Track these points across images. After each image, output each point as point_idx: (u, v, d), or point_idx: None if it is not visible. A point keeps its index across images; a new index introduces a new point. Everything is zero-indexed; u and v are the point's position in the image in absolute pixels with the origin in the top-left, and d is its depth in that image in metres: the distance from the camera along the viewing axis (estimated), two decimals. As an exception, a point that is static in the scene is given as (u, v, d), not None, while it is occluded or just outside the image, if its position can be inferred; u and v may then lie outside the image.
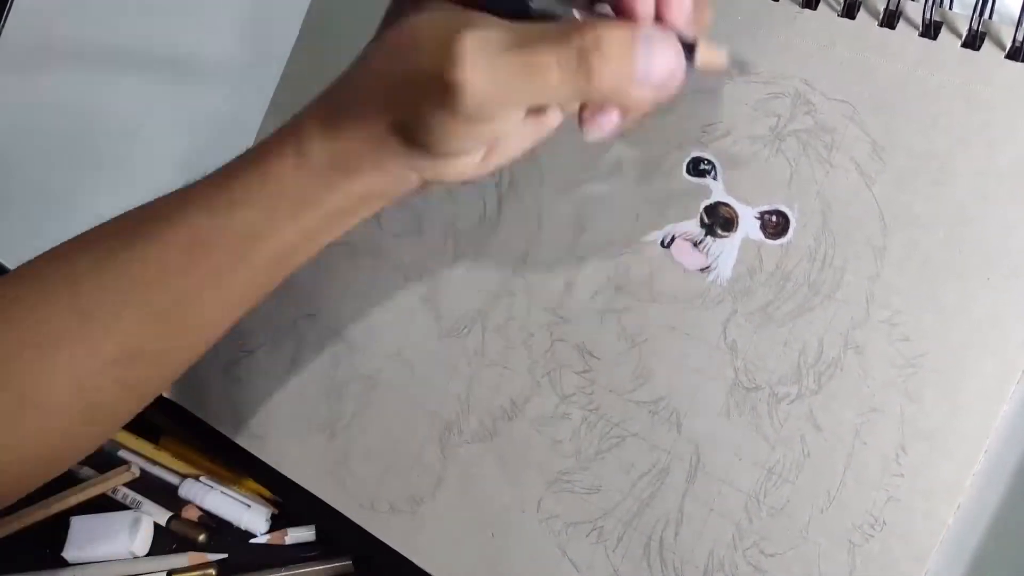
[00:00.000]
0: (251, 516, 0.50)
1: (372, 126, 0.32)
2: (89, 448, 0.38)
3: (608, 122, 0.31)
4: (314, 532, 0.49)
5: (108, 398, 0.35)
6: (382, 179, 0.33)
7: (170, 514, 0.51)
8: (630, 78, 0.28)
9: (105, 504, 0.52)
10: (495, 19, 0.29)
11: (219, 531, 0.50)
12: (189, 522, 0.50)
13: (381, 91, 0.31)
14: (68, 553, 0.48)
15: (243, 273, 0.35)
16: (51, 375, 0.34)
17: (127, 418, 0.37)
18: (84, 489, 0.52)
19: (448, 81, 0.28)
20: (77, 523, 0.49)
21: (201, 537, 0.49)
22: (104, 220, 0.37)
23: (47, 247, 0.55)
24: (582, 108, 0.30)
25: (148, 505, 0.51)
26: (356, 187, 0.33)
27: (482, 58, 0.28)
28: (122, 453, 0.56)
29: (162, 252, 0.34)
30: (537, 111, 0.31)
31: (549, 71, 0.28)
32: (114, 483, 0.52)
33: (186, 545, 0.49)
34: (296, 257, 0.36)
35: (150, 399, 0.37)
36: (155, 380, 0.37)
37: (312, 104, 0.34)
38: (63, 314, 0.34)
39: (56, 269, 0.35)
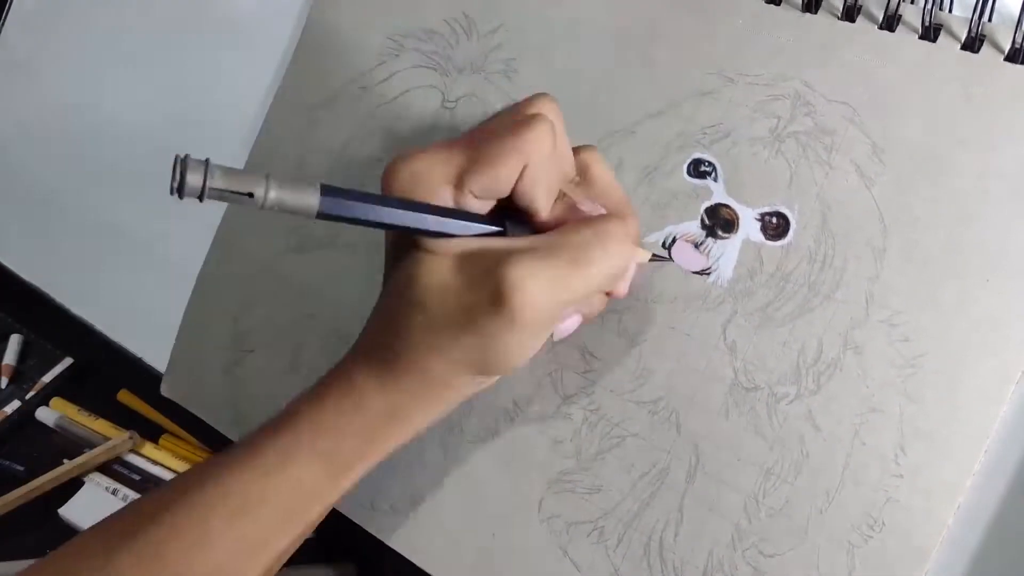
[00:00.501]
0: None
1: (435, 369, 0.32)
2: None
3: (574, 324, 0.36)
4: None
5: None
6: (441, 410, 0.34)
7: None
8: (635, 258, 0.34)
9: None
10: (513, 240, 0.32)
11: None
12: None
13: (438, 337, 0.32)
14: (65, 512, 0.47)
15: (291, 534, 0.33)
16: None
17: None
18: (85, 458, 0.50)
19: (514, 304, 0.29)
20: (88, 489, 0.48)
21: None
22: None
23: (47, 247, 0.55)
24: None
25: None
26: (414, 427, 0.34)
27: (536, 271, 0.30)
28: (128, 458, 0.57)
29: (200, 522, 0.32)
30: None
31: (597, 257, 0.31)
32: (113, 452, 0.51)
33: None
34: (339, 500, 0.35)
35: None
36: None
37: (356, 358, 0.34)
38: None
39: (94, 549, 0.33)
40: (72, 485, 0.55)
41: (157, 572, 0.32)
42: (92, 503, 0.48)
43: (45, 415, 0.63)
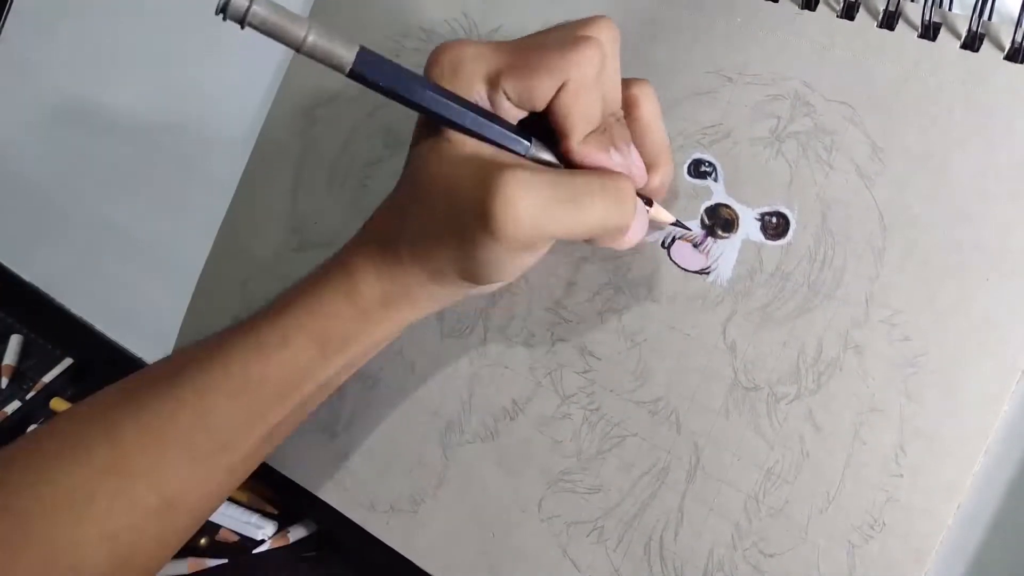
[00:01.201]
0: (255, 527, 0.50)
1: (425, 267, 0.33)
2: None
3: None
4: (314, 526, 0.49)
5: (142, 551, 0.34)
6: (430, 306, 0.35)
7: None
8: (627, 227, 0.33)
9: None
10: (525, 160, 0.32)
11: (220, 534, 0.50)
12: None
13: (429, 233, 0.32)
14: None
15: (287, 408, 0.35)
16: (84, 534, 0.32)
17: (160, 568, 0.36)
18: None
19: (497, 216, 0.29)
20: None
21: (202, 541, 0.49)
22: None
23: (47, 247, 0.55)
24: None
25: None
26: (405, 318, 0.35)
27: (529, 193, 0.29)
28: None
29: (204, 396, 0.33)
30: None
31: (593, 206, 0.31)
32: None
33: (185, 551, 0.49)
34: (335, 383, 0.36)
35: (179, 546, 0.36)
36: (190, 527, 0.36)
37: (357, 243, 0.35)
38: (101, 469, 0.33)
39: (94, 421, 0.34)
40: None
41: (162, 441, 0.33)
42: None
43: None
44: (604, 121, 0.32)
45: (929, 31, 0.36)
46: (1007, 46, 0.34)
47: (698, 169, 0.39)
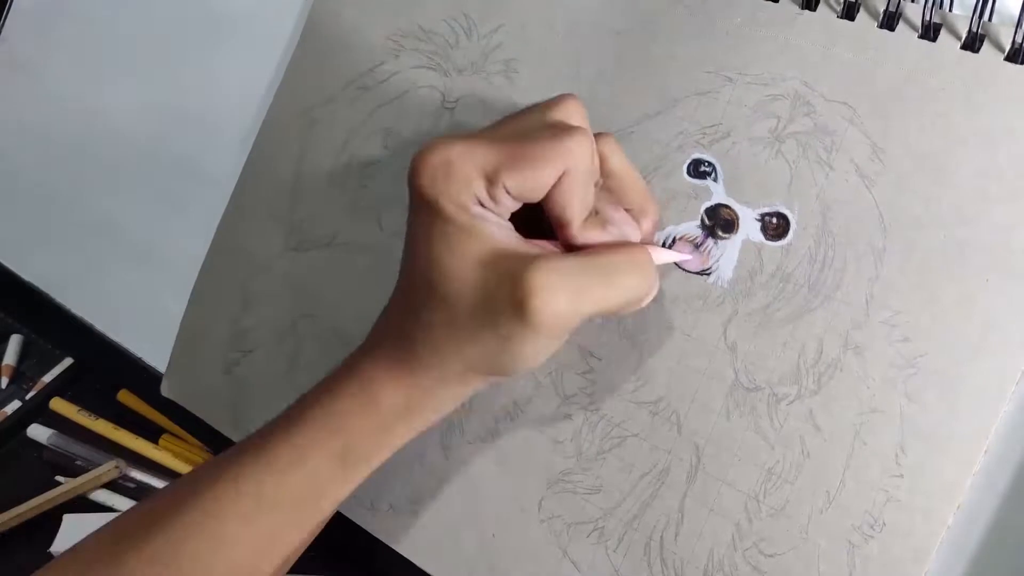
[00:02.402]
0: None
1: (450, 366, 0.32)
2: None
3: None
4: None
5: None
6: (453, 406, 0.34)
7: None
8: (654, 292, 0.33)
9: (104, 507, 0.52)
10: (547, 246, 0.32)
11: None
12: None
13: (456, 330, 0.31)
14: (56, 549, 0.48)
15: (305, 531, 0.33)
16: None
17: None
18: (69, 487, 0.51)
19: (536, 308, 0.29)
20: (69, 521, 0.49)
21: None
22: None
23: (47, 247, 0.55)
24: None
25: None
26: (427, 421, 0.33)
27: (563, 281, 0.29)
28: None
29: (216, 522, 0.31)
30: None
31: (621, 281, 0.31)
32: (98, 481, 0.52)
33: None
34: (352, 493, 0.34)
35: None
36: None
37: (372, 348, 0.34)
38: None
39: (103, 551, 0.32)
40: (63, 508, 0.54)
41: (171, 574, 0.31)
42: (76, 533, 0.48)
43: (37, 433, 0.63)
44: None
45: (929, 32, 0.36)
46: (1007, 47, 0.34)
47: (698, 169, 0.39)
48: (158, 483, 0.54)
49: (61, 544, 0.48)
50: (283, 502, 0.32)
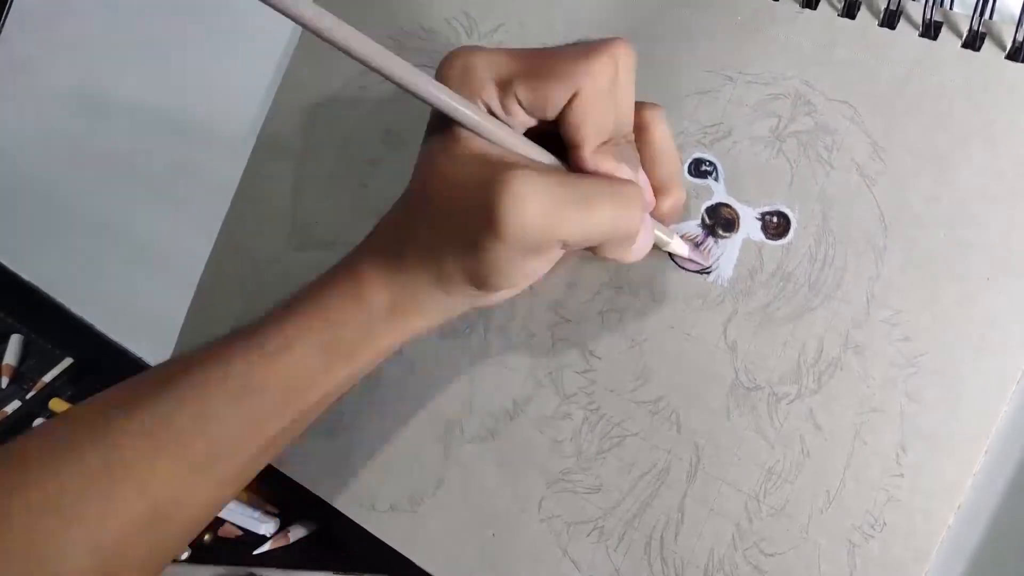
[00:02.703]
0: (257, 521, 0.50)
1: (432, 272, 0.32)
2: None
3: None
4: (314, 525, 0.49)
5: (132, 561, 0.33)
6: (438, 315, 0.34)
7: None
8: (635, 236, 0.32)
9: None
10: (532, 160, 0.31)
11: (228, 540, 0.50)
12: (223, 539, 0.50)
13: (436, 237, 0.31)
14: None
15: (288, 418, 0.34)
16: (70, 540, 0.31)
17: None
18: None
19: (503, 216, 0.28)
20: None
21: (206, 537, 0.49)
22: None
23: (47, 247, 0.55)
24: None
25: None
26: (412, 326, 0.34)
27: (537, 192, 0.29)
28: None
29: (202, 400, 0.32)
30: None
31: (601, 209, 0.30)
32: None
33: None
34: (337, 393, 0.35)
35: (171, 559, 0.35)
36: (181, 539, 0.35)
37: (366, 247, 0.34)
38: (90, 473, 0.31)
39: (90, 420, 0.33)
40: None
41: (158, 445, 0.32)
42: None
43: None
44: (615, 139, 0.32)
45: (930, 30, 0.36)
46: (1008, 45, 0.34)
47: (699, 168, 0.39)
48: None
49: None
50: (269, 386, 0.32)
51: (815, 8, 0.38)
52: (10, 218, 0.62)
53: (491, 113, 0.31)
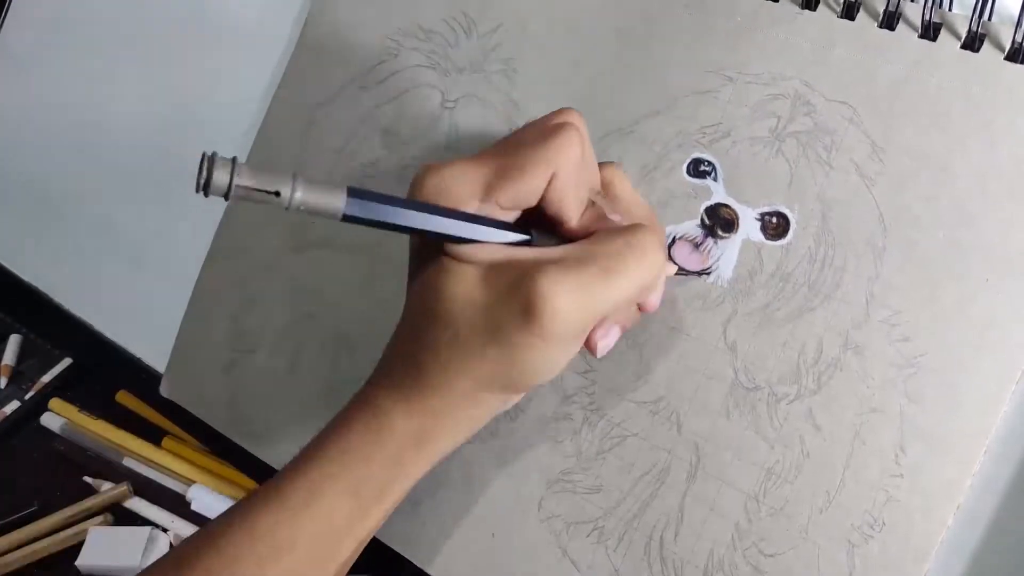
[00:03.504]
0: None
1: (462, 385, 0.31)
2: None
3: (614, 337, 0.34)
4: None
5: None
6: (468, 431, 0.33)
7: (196, 528, 0.50)
8: (663, 273, 0.33)
9: (129, 515, 0.51)
10: (545, 252, 0.31)
11: None
12: None
13: (466, 349, 0.31)
14: (81, 562, 0.48)
15: (327, 569, 0.32)
16: None
17: None
18: (76, 509, 0.51)
19: (543, 316, 0.29)
20: (94, 534, 0.49)
21: None
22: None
23: (47, 247, 0.55)
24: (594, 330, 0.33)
25: (178, 522, 0.51)
26: (442, 450, 0.33)
27: (564, 282, 0.29)
28: (126, 461, 0.56)
29: (233, 567, 0.31)
30: None
31: (626, 269, 0.30)
32: (105, 501, 0.52)
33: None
34: (375, 532, 0.34)
35: None
36: None
37: (380, 380, 0.33)
38: None
39: None
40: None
41: None
42: (104, 547, 0.48)
43: (49, 420, 0.63)
44: (592, 197, 0.33)
45: (929, 31, 0.36)
46: (1007, 46, 0.34)
47: (697, 169, 0.39)
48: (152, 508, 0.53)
49: (87, 558, 0.48)
50: (299, 543, 0.31)
51: (814, 9, 0.38)
52: (9, 218, 0.62)
53: (478, 216, 0.31)
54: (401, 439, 0.32)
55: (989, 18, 0.34)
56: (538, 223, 0.32)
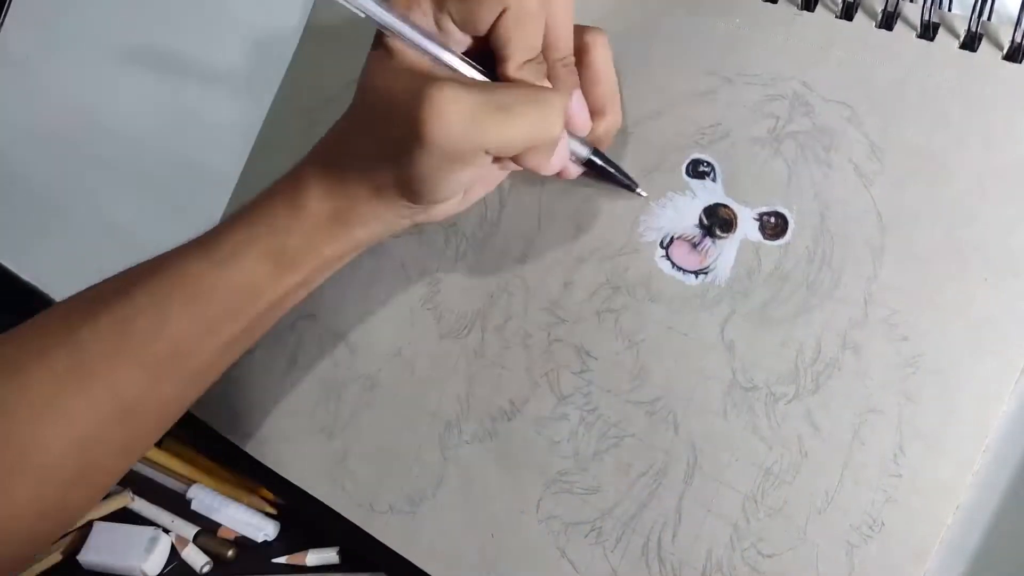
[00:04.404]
0: (256, 528, 0.50)
1: (369, 183, 0.34)
2: (80, 513, 0.38)
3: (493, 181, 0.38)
4: (336, 555, 0.48)
5: (105, 455, 0.35)
6: (378, 228, 0.35)
7: (197, 528, 0.50)
8: (555, 143, 0.34)
9: (129, 515, 0.51)
10: (460, 75, 0.33)
11: (241, 547, 0.50)
12: (220, 539, 0.50)
13: (372, 148, 0.33)
14: (83, 557, 0.48)
15: (241, 324, 0.36)
16: (50, 434, 0.34)
17: (119, 476, 0.38)
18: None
19: (427, 124, 0.30)
20: (98, 529, 0.49)
21: (230, 553, 0.49)
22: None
23: (46, 248, 0.55)
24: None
25: (178, 522, 0.51)
26: (354, 237, 0.35)
27: (459, 100, 0.30)
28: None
29: (160, 304, 0.34)
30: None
31: (521, 113, 0.32)
32: (107, 509, 0.52)
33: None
34: (289, 302, 0.37)
35: (142, 455, 0.38)
36: (149, 434, 0.37)
37: (310, 158, 0.36)
38: (61, 370, 0.34)
39: (56, 325, 0.36)
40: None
41: (119, 346, 0.34)
42: (107, 543, 0.48)
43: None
44: (550, 62, 0.34)
45: (928, 31, 0.36)
46: (1006, 46, 0.34)
47: (696, 169, 0.39)
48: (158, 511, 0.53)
49: (89, 554, 0.48)
50: (220, 291, 0.34)
51: (813, 10, 0.38)
52: (10, 218, 0.62)
53: (424, 29, 0.32)
54: (316, 217, 0.34)
55: (988, 18, 0.34)
56: (483, 62, 0.34)
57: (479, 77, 0.33)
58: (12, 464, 0.33)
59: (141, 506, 0.52)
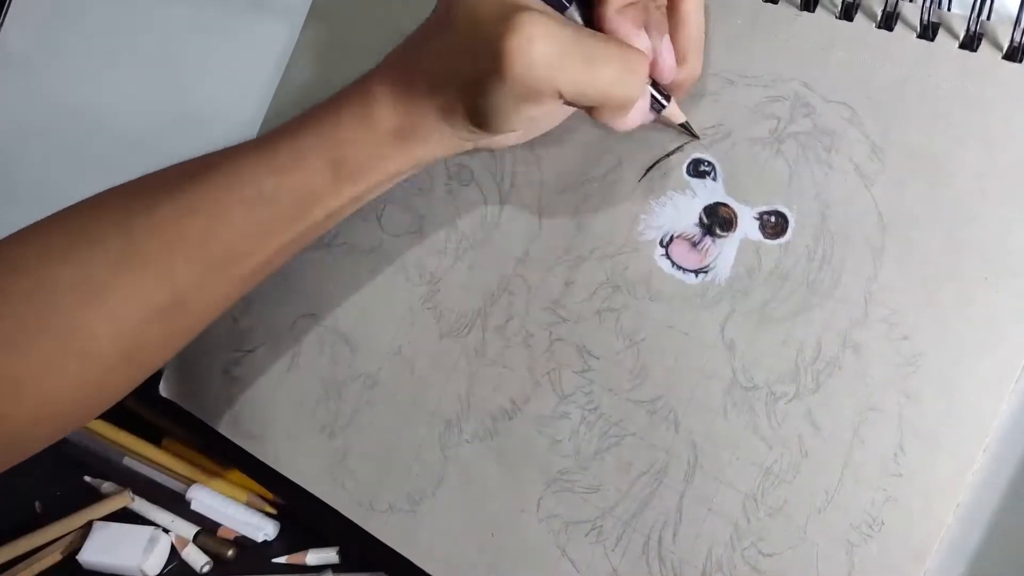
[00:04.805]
0: (255, 528, 0.50)
1: (438, 102, 0.33)
2: (124, 391, 0.37)
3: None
4: (336, 554, 0.48)
5: (149, 345, 0.35)
6: (441, 147, 0.35)
7: (196, 528, 0.50)
8: (631, 105, 0.33)
9: (129, 515, 0.51)
10: (549, 8, 0.32)
11: (241, 547, 0.50)
12: (220, 539, 0.50)
13: (447, 66, 0.32)
14: (83, 557, 0.48)
15: (296, 230, 0.35)
16: (95, 321, 0.33)
17: (162, 363, 0.37)
18: (74, 519, 0.51)
19: (510, 53, 0.29)
20: (98, 529, 0.49)
21: (230, 552, 0.49)
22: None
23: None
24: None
25: (178, 522, 0.51)
26: (414, 154, 0.35)
27: (548, 37, 0.30)
28: (127, 461, 0.56)
29: (218, 204, 0.34)
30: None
31: (605, 70, 0.31)
32: (107, 509, 0.52)
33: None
34: (343, 214, 0.36)
35: (184, 345, 0.37)
36: (194, 328, 0.37)
37: (381, 68, 0.35)
38: (113, 259, 0.33)
39: (107, 213, 0.35)
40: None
41: (174, 242, 0.34)
42: (107, 543, 0.48)
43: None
44: (644, 3, 0.33)
45: (927, 31, 0.36)
46: (1005, 46, 0.34)
47: (697, 169, 0.39)
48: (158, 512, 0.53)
49: (89, 553, 0.48)
50: (280, 197, 0.34)
51: (813, 11, 0.38)
52: (10, 218, 0.62)
53: None
54: (382, 129, 0.34)
55: (988, 18, 0.34)
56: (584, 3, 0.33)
57: (575, 10, 0.33)
58: (57, 346, 0.33)
59: (141, 506, 0.52)
